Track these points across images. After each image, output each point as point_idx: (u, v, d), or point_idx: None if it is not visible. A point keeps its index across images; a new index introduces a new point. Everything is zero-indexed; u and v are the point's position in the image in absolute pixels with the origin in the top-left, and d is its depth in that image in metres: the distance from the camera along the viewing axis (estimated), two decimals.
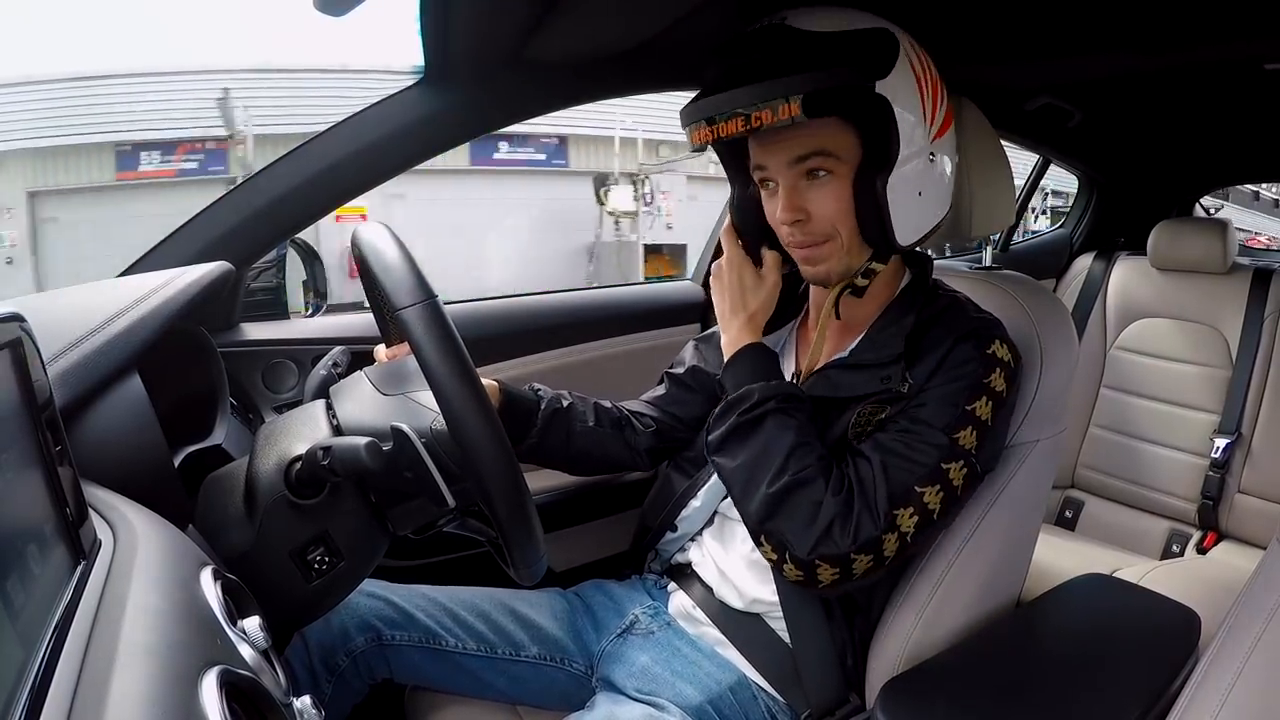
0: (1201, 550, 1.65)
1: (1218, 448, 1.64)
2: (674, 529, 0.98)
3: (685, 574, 0.97)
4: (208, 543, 0.67)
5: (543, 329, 1.35)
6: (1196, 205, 2.20)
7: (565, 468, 1.04)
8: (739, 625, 0.90)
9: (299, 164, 1.01)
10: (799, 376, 0.90)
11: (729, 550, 0.92)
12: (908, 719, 0.76)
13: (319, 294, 1.26)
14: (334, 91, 8.98)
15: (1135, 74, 1.42)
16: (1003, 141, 0.99)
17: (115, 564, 0.49)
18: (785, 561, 0.78)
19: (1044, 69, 1.37)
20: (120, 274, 0.96)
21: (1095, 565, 1.30)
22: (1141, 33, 1.13)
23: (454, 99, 1.03)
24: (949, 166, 0.86)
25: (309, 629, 0.88)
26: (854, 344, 0.88)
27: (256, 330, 1.16)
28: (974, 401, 0.79)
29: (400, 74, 1.17)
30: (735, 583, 0.91)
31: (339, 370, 0.85)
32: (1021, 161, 1.98)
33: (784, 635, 0.88)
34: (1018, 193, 1.77)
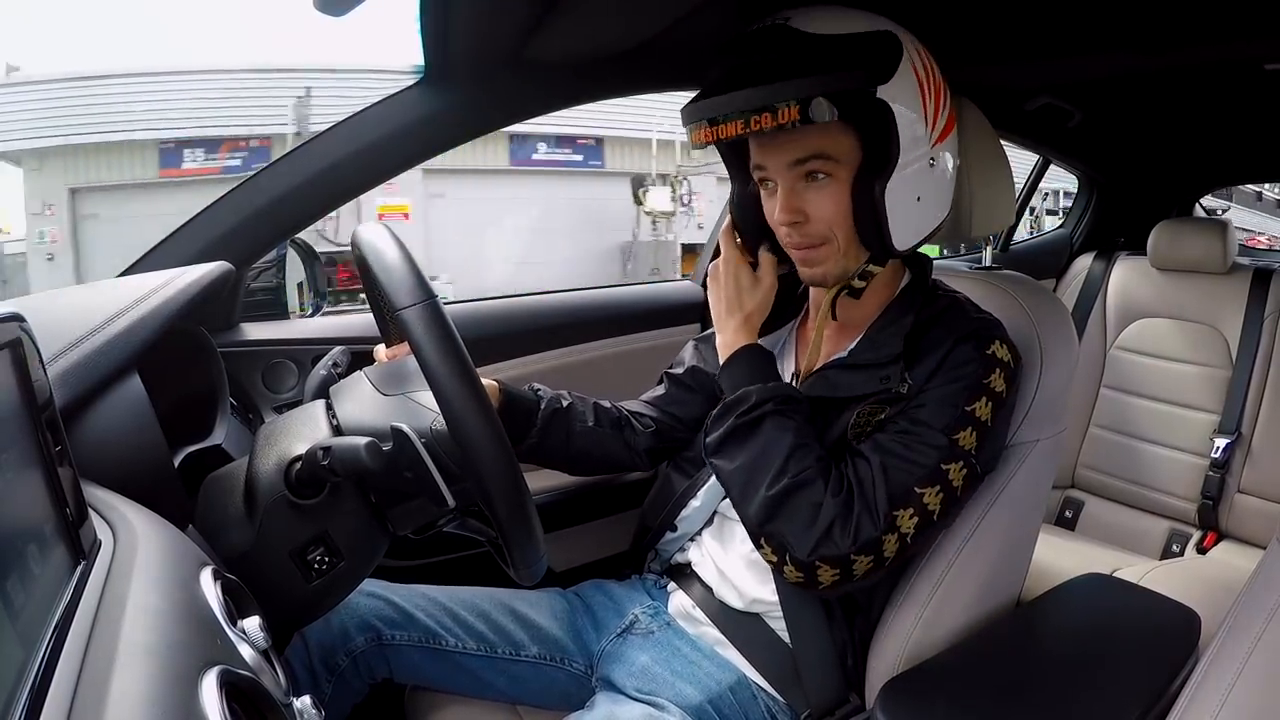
0: (1201, 550, 1.65)
1: (1218, 447, 1.63)
2: (674, 529, 0.98)
3: (685, 574, 0.97)
4: (208, 543, 0.67)
5: (543, 329, 1.35)
6: (1196, 205, 2.20)
7: (565, 468, 1.05)
8: (739, 625, 0.90)
9: (299, 164, 1.01)
10: (798, 377, 0.90)
11: (728, 550, 0.92)
12: (908, 719, 0.76)
13: (318, 294, 1.26)
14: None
15: (1135, 74, 1.41)
16: (1003, 142, 0.99)
17: (115, 564, 0.49)
18: (786, 563, 0.78)
19: (1044, 69, 1.36)
20: (120, 274, 0.96)
21: (1095, 565, 1.30)
22: (1141, 33, 1.13)
23: (454, 99, 1.02)
24: (950, 170, 0.85)
25: (309, 629, 0.88)
26: (853, 344, 0.87)
27: (256, 330, 1.16)
28: (974, 402, 0.79)
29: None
30: (735, 583, 0.91)
31: (339, 370, 0.85)
32: (1023, 162, 1.98)
33: (784, 635, 0.88)
34: (1018, 193, 1.78)
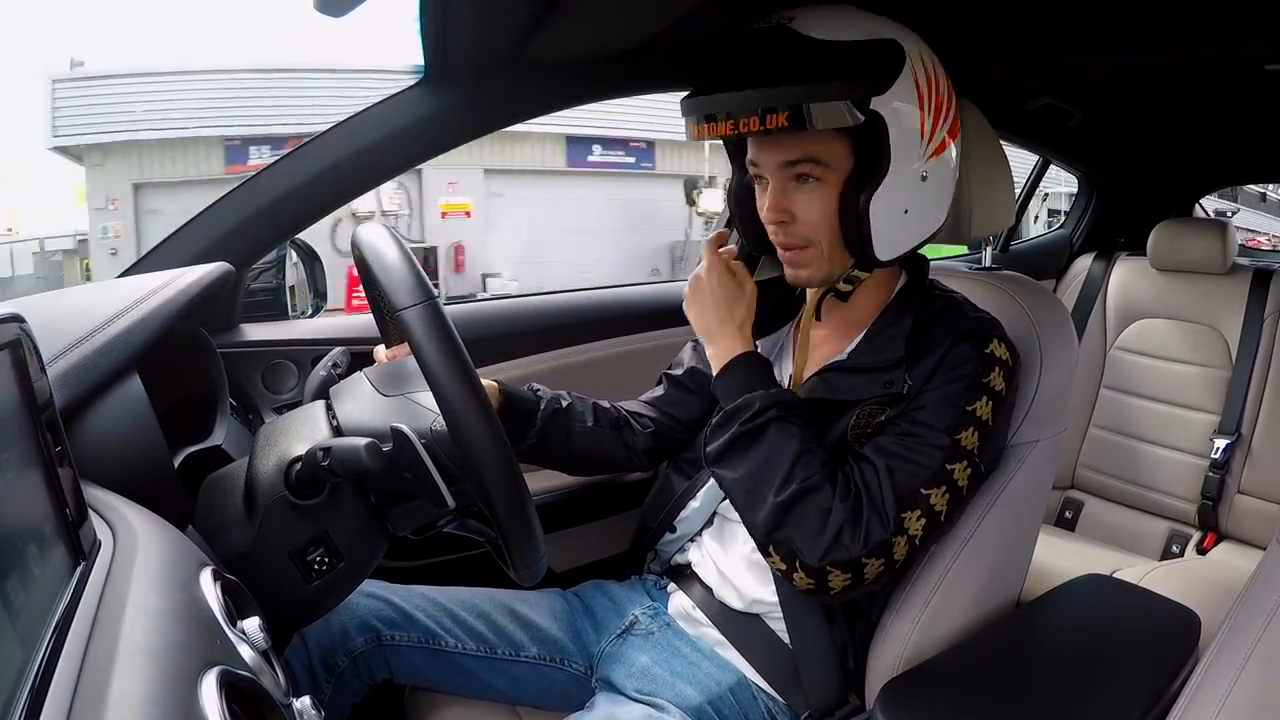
0: (1201, 551, 1.64)
1: (1217, 448, 1.63)
2: (673, 530, 0.98)
3: (685, 574, 0.97)
4: (207, 543, 0.67)
5: (543, 329, 1.35)
6: (1197, 206, 2.20)
7: (564, 468, 1.05)
8: (739, 626, 0.90)
9: (299, 164, 1.01)
10: (793, 379, 0.90)
11: (728, 551, 0.92)
12: (907, 719, 0.76)
13: (318, 294, 1.26)
14: None
15: (1135, 74, 1.41)
16: (1003, 142, 0.99)
17: (115, 564, 0.49)
18: (795, 570, 0.77)
19: (1044, 69, 1.36)
20: (120, 274, 0.96)
21: (1095, 566, 1.30)
22: (1141, 33, 1.12)
23: (454, 99, 1.02)
24: (944, 184, 0.84)
25: (309, 629, 0.88)
26: (851, 346, 0.87)
27: (256, 331, 1.16)
28: (974, 402, 0.79)
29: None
30: (735, 583, 0.90)
31: (339, 371, 0.85)
32: (1023, 161, 1.98)
33: (784, 636, 0.88)
34: (1018, 193, 1.78)
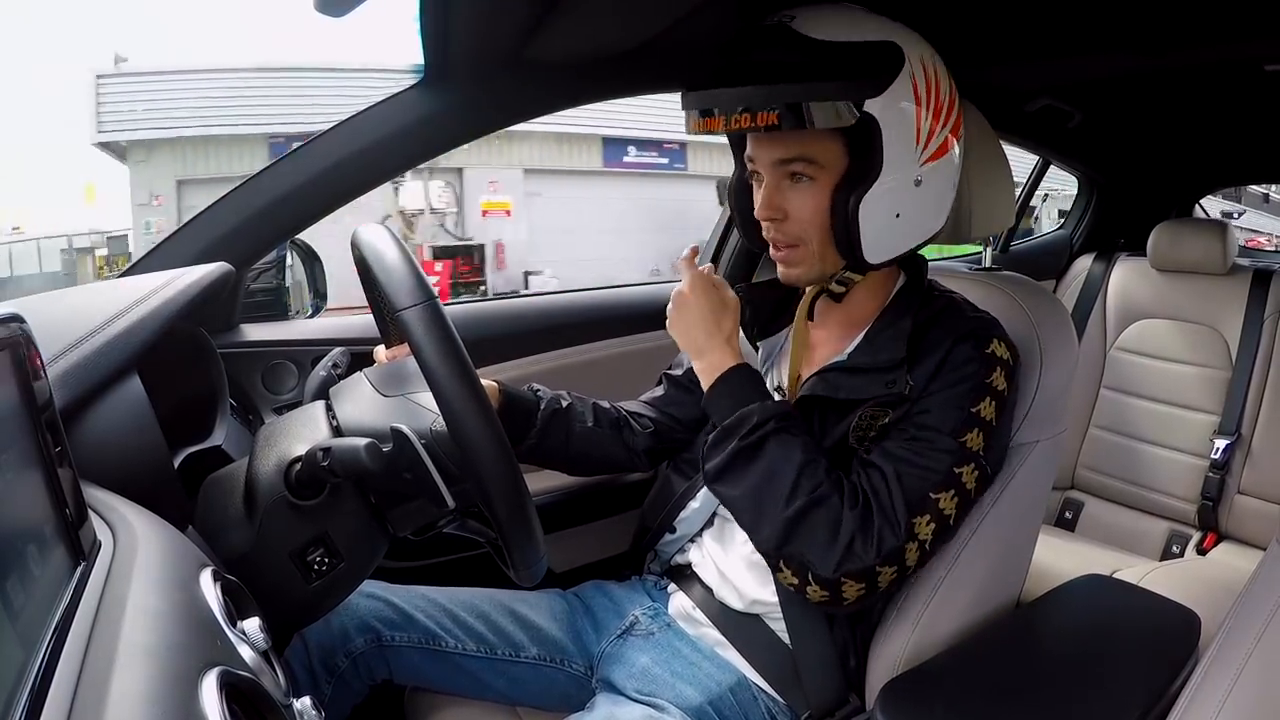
0: (1201, 551, 1.64)
1: (1217, 448, 1.63)
2: (673, 530, 0.98)
3: (685, 575, 0.97)
4: (208, 544, 0.67)
5: (543, 329, 1.35)
6: (1197, 206, 2.20)
7: (564, 468, 1.05)
8: (739, 626, 0.90)
9: (299, 165, 1.01)
10: (789, 380, 0.90)
11: (729, 551, 0.92)
12: (908, 719, 0.76)
13: (318, 294, 1.26)
14: None
15: (1135, 75, 1.42)
16: (1003, 143, 0.99)
17: (115, 565, 0.49)
18: (809, 584, 0.77)
19: (1044, 70, 1.36)
20: (121, 274, 0.96)
21: (1095, 566, 1.30)
22: (1141, 33, 1.13)
23: (454, 99, 1.02)
24: (942, 189, 0.83)
25: (309, 630, 0.88)
26: (851, 347, 0.87)
27: (256, 331, 1.16)
28: (978, 403, 0.79)
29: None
30: (735, 584, 0.90)
31: (339, 371, 0.85)
32: (1023, 161, 1.98)
33: (784, 636, 0.88)
34: (1018, 193, 1.78)
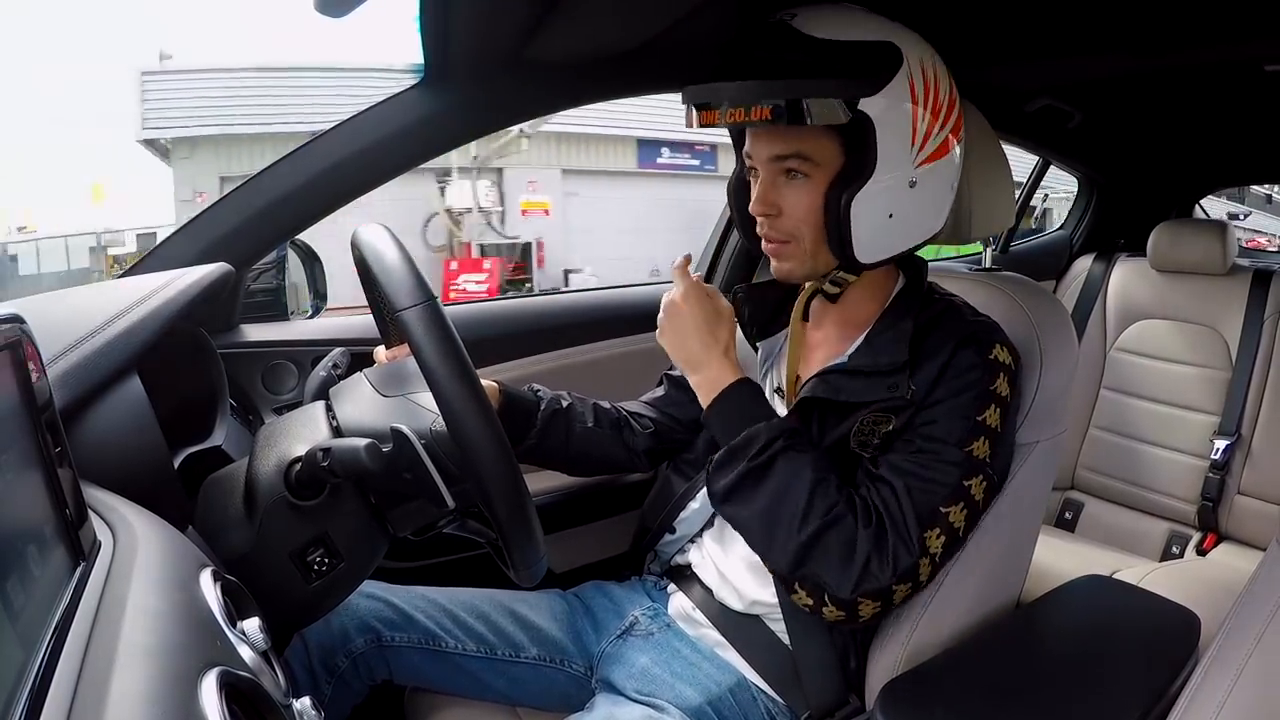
0: (1201, 552, 1.64)
1: (1217, 449, 1.63)
2: (673, 531, 0.98)
3: (685, 575, 0.97)
4: (207, 544, 0.67)
5: (543, 330, 1.35)
6: (1197, 207, 2.20)
7: (564, 468, 1.05)
8: (739, 627, 0.90)
9: (299, 165, 1.01)
10: (786, 380, 0.90)
11: (729, 552, 0.92)
12: None
13: (318, 295, 1.26)
14: None
15: (1135, 75, 1.42)
16: (1003, 143, 0.98)
17: (115, 565, 0.49)
18: (825, 605, 0.77)
19: (1044, 70, 1.36)
20: (121, 275, 0.96)
21: (1095, 567, 1.30)
22: (1141, 34, 1.13)
23: (454, 99, 1.02)
24: (939, 191, 0.83)
25: (309, 630, 0.88)
26: (851, 349, 0.87)
27: (256, 331, 1.16)
28: (983, 411, 0.79)
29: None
30: (735, 584, 0.90)
31: (339, 372, 0.85)
32: (1024, 161, 1.98)
33: (784, 637, 0.88)
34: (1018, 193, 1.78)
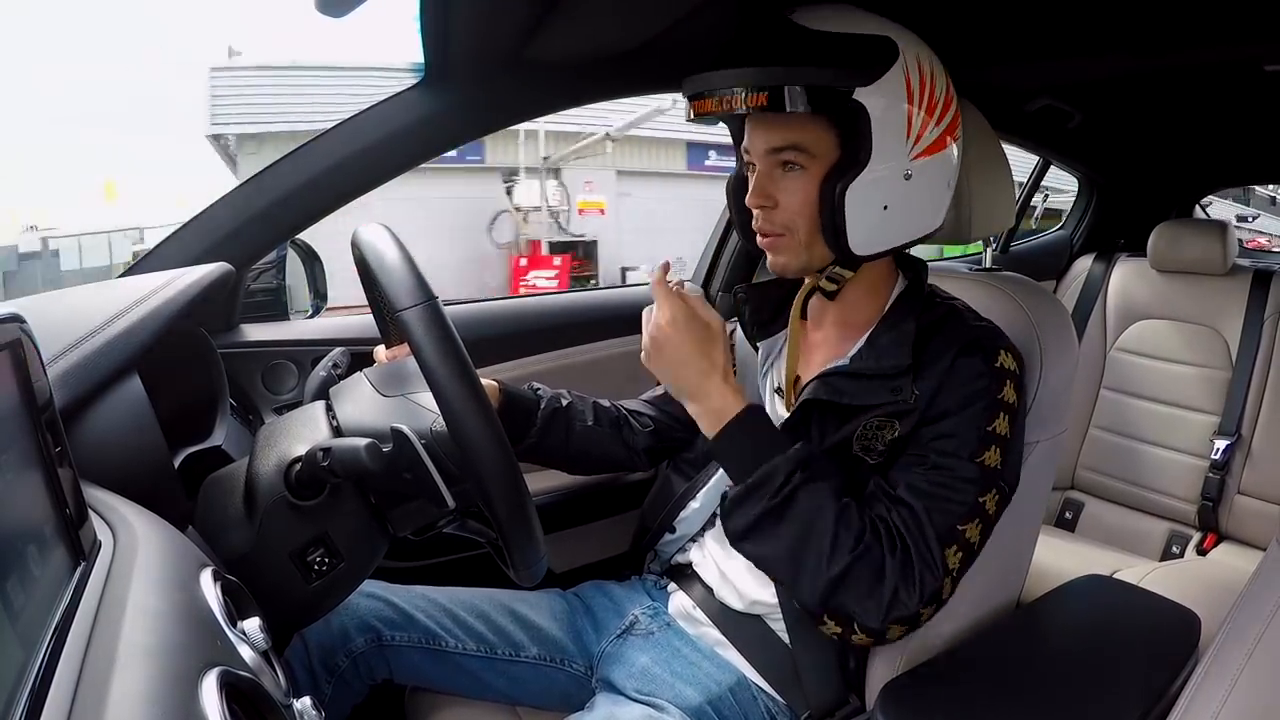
0: (1201, 551, 1.65)
1: (1217, 449, 1.63)
2: (673, 530, 0.98)
3: (685, 575, 0.97)
4: (208, 544, 0.67)
5: (543, 329, 1.35)
6: (1197, 206, 2.20)
7: (564, 467, 1.05)
8: (739, 626, 0.90)
9: (300, 165, 1.01)
10: (786, 381, 0.90)
11: (729, 552, 0.91)
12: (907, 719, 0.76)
13: (319, 294, 1.26)
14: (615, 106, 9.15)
15: (1135, 75, 1.42)
16: (1003, 143, 0.98)
17: (115, 565, 0.49)
18: (854, 633, 0.76)
19: (1044, 70, 1.36)
20: (121, 274, 0.96)
21: (1095, 566, 1.30)
22: (1141, 34, 1.13)
23: (454, 99, 1.02)
24: (935, 186, 0.83)
25: (309, 630, 0.88)
26: (853, 350, 0.86)
27: (256, 331, 1.16)
28: (993, 421, 0.78)
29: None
30: (735, 584, 0.90)
31: (339, 371, 0.85)
32: (1024, 161, 1.98)
33: (784, 636, 0.88)
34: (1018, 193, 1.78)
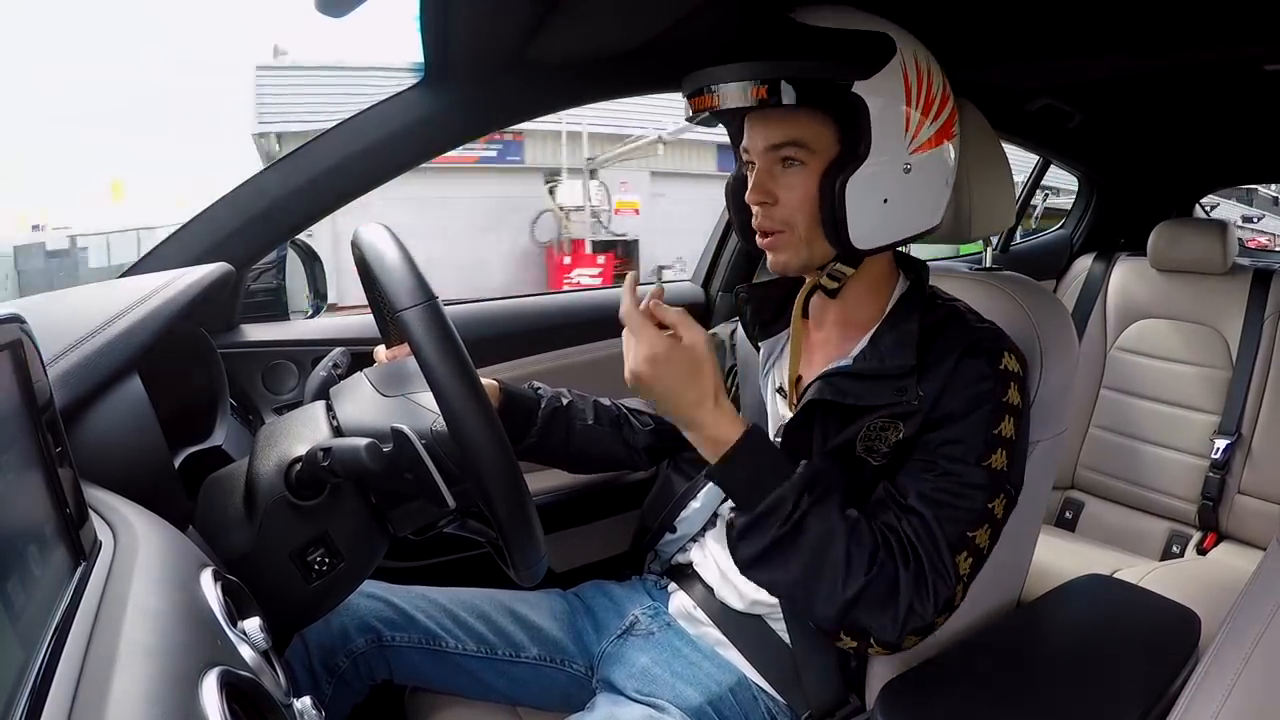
0: (1201, 551, 1.65)
1: (1218, 448, 1.64)
2: (673, 530, 0.98)
3: (686, 574, 0.96)
4: (208, 544, 0.67)
5: (543, 329, 1.35)
6: (1197, 206, 2.20)
7: (565, 466, 1.05)
8: (740, 626, 0.90)
9: (300, 165, 1.01)
10: (799, 382, 0.90)
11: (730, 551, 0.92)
12: (907, 719, 0.76)
13: (319, 294, 1.26)
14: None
15: (1135, 75, 1.42)
16: (1003, 143, 0.98)
17: (115, 565, 0.49)
18: (870, 646, 0.76)
19: (1044, 70, 1.36)
20: (121, 275, 0.96)
21: (1095, 566, 1.30)
22: (1141, 34, 1.13)
23: (454, 99, 1.02)
24: (933, 182, 0.83)
25: (309, 630, 0.88)
26: (856, 350, 0.86)
27: (256, 331, 1.16)
28: (999, 424, 0.78)
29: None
30: (736, 584, 0.90)
31: (339, 371, 0.85)
32: (1025, 160, 1.98)
33: (784, 636, 0.88)
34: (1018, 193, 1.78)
